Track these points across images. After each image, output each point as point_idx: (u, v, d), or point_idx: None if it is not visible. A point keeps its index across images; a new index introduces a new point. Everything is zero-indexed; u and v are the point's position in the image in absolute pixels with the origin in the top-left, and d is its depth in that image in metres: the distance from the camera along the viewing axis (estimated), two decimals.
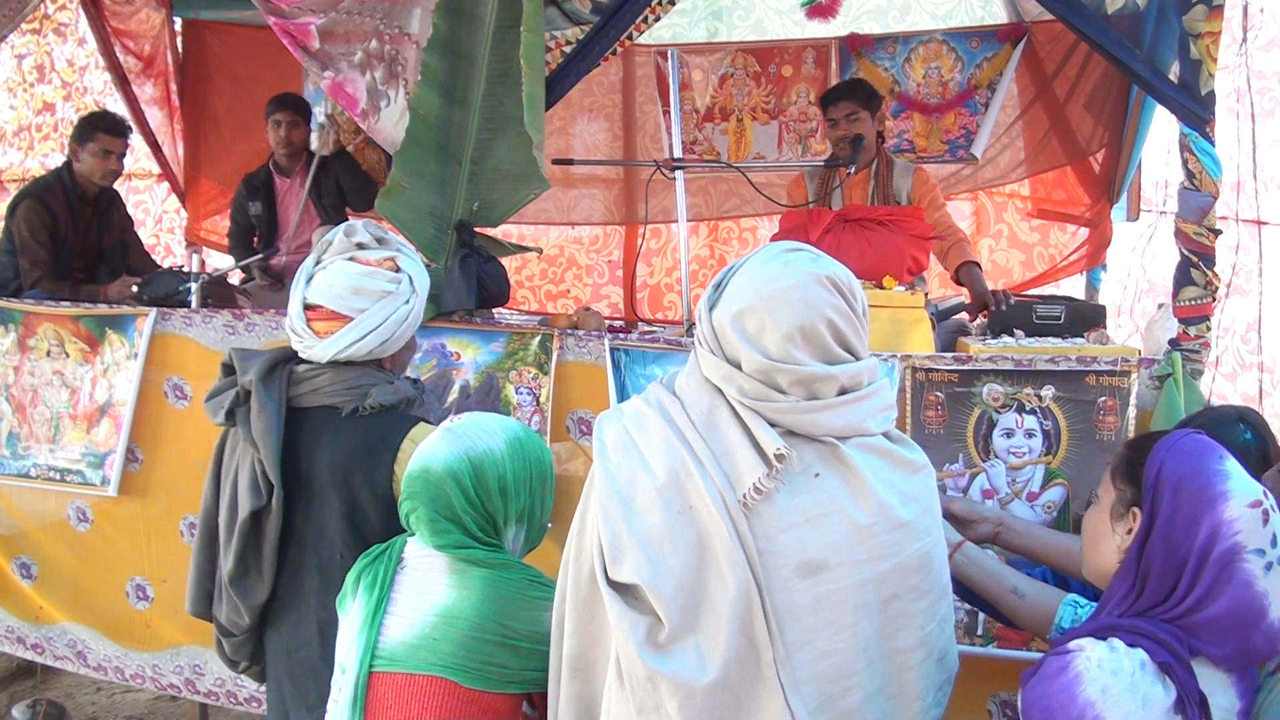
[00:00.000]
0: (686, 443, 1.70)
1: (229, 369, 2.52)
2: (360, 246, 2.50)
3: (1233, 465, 1.72)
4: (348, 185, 5.29)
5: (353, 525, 2.36)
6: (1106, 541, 1.83)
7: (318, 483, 2.38)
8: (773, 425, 1.69)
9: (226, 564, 2.43)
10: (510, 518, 2.12)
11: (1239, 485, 1.68)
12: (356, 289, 2.42)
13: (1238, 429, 2.39)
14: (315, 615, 2.38)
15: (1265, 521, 1.66)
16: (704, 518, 1.66)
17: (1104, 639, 1.65)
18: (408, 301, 2.47)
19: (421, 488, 2.08)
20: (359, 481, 2.35)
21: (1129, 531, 1.77)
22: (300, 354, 2.46)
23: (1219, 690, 1.66)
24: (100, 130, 4.74)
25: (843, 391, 1.72)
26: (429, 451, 2.10)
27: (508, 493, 2.10)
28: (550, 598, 2.03)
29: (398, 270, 2.48)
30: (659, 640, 1.63)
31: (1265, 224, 4.21)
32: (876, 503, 1.69)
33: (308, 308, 2.45)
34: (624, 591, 1.66)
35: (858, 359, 1.74)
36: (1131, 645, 1.64)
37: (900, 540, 1.71)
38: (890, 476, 1.73)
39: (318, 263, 2.49)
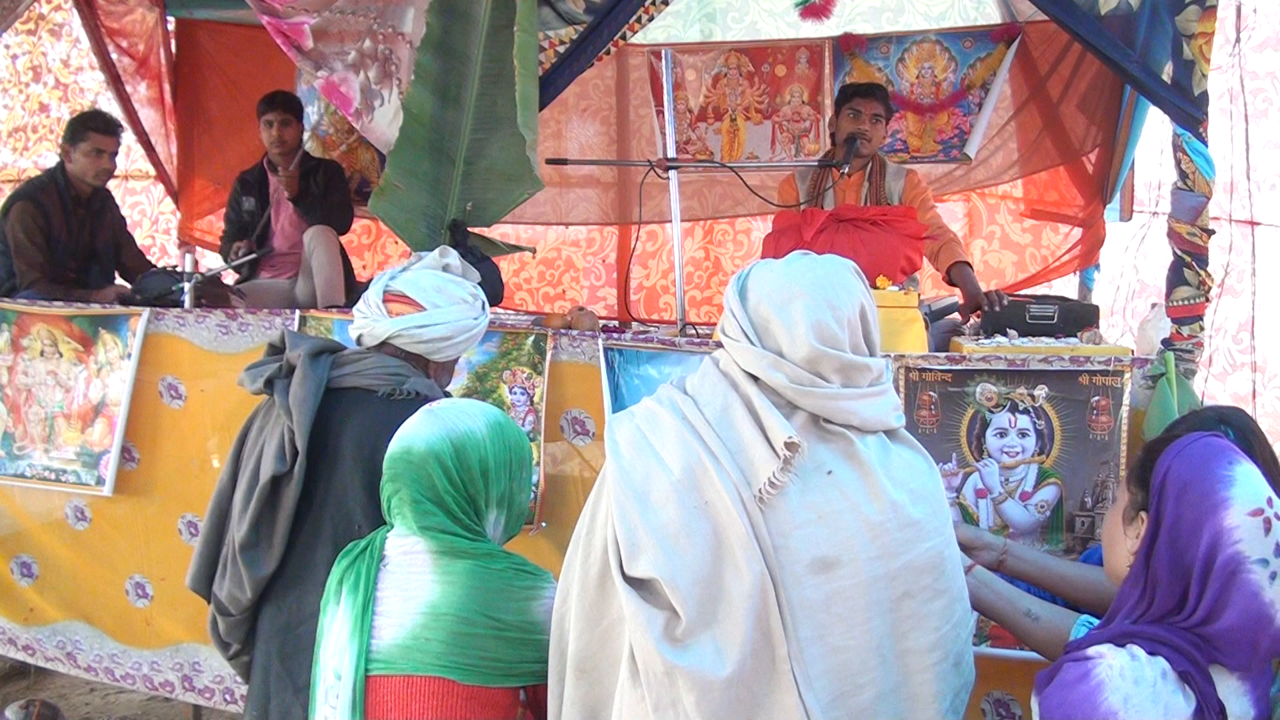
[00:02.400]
0: (701, 439, 1.72)
1: (274, 349, 2.64)
2: (447, 269, 2.80)
3: (1242, 470, 1.68)
4: (314, 202, 5.24)
5: (373, 497, 2.36)
6: (1120, 544, 1.83)
7: (343, 456, 2.44)
8: (811, 414, 1.73)
9: (240, 532, 2.46)
10: (491, 500, 2.12)
11: (1242, 491, 1.65)
12: (440, 288, 2.64)
13: (1218, 430, 2.38)
14: (324, 587, 2.39)
15: (1267, 530, 1.62)
16: (719, 512, 1.67)
17: (1123, 646, 1.64)
18: (477, 318, 2.67)
19: (404, 469, 2.08)
20: (384, 456, 2.36)
21: (1138, 536, 1.76)
22: (358, 330, 2.61)
23: (1234, 697, 1.65)
24: (92, 130, 4.74)
25: (871, 384, 1.77)
26: (410, 433, 2.11)
27: (489, 474, 2.11)
28: (538, 585, 2.06)
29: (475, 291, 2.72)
30: (676, 634, 1.63)
31: (1257, 224, 4.21)
32: (888, 500, 1.71)
33: (388, 294, 2.62)
34: (639, 587, 1.66)
35: (873, 353, 1.80)
36: (1151, 653, 1.62)
37: (911, 538, 1.72)
38: (901, 474, 1.75)
39: (404, 269, 2.72)
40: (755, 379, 1.75)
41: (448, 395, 2.62)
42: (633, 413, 1.84)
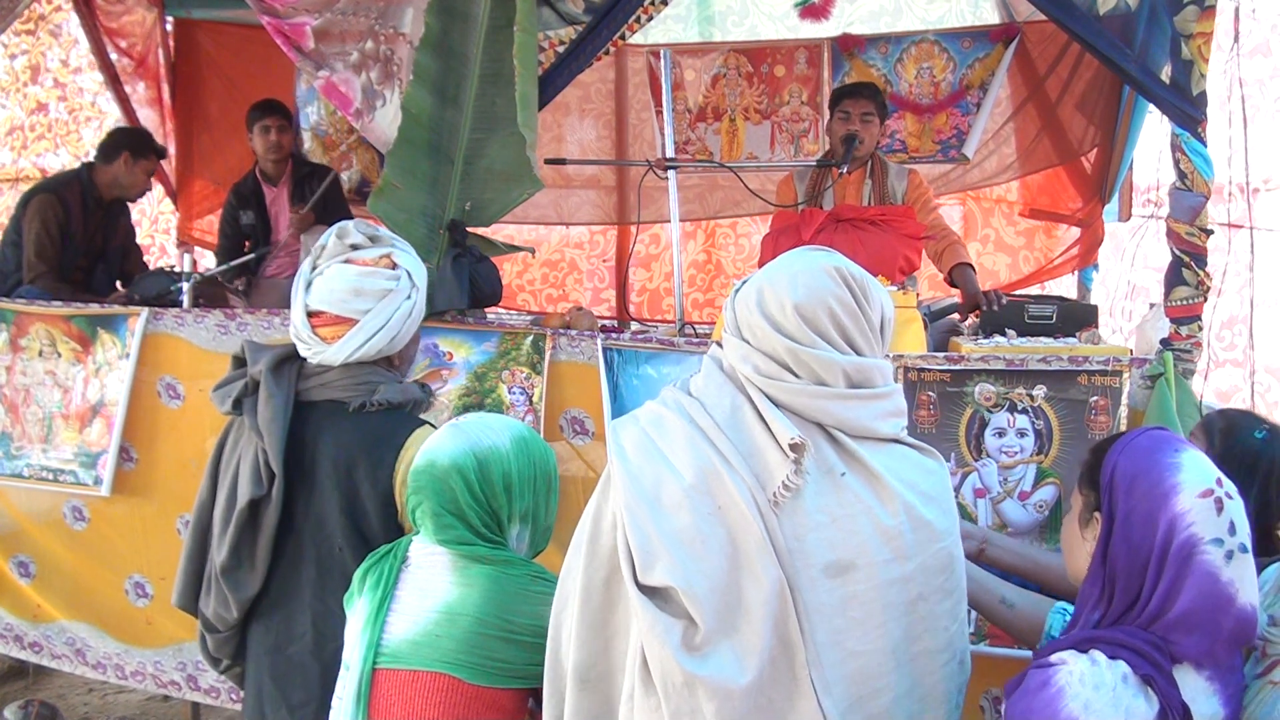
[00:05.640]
0: (711, 443, 1.70)
1: (240, 361, 2.54)
2: (354, 247, 2.51)
3: (1188, 456, 1.69)
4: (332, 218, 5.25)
5: (352, 519, 2.36)
6: (1079, 549, 1.82)
7: (319, 475, 2.39)
8: (784, 411, 1.70)
9: (220, 554, 2.42)
10: (514, 515, 2.13)
11: (1190, 476, 1.66)
12: (357, 290, 2.44)
13: (1260, 427, 2.39)
14: (310, 608, 2.39)
15: (1219, 510, 1.64)
16: (734, 517, 1.65)
17: (1085, 652, 1.64)
18: (409, 297, 2.49)
19: (427, 481, 2.09)
20: (361, 476, 2.36)
21: (1096, 538, 1.76)
22: (314, 359, 2.47)
23: (1202, 698, 1.65)
24: (153, 151, 4.91)
25: (852, 385, 1.73)
26: (435, 446, 2.12)
27: (512, 490, 2.11)
28: (553, 591, 2.05)
29: (394, 267, 2.50)
30: (694, 643, 1.61)
31: (1242, 227, 4.22)
32: (901, 503, 1.69)
33: (311, 314, 2.46)
34: (654, 595, 1.64)
35: (859, 355, 1.76)
36: (1113, 658, 1.62)
37: (924, 540, 1.71)
38: (910, 476, 1.74)
39: (314, 268, 2.50)
40: (753, 382, 1.74)
41: (423, 387, 2.57)
42: (636, 416, 1.81)
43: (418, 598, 2.07)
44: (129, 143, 4.87)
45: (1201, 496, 1.64)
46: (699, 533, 1.64)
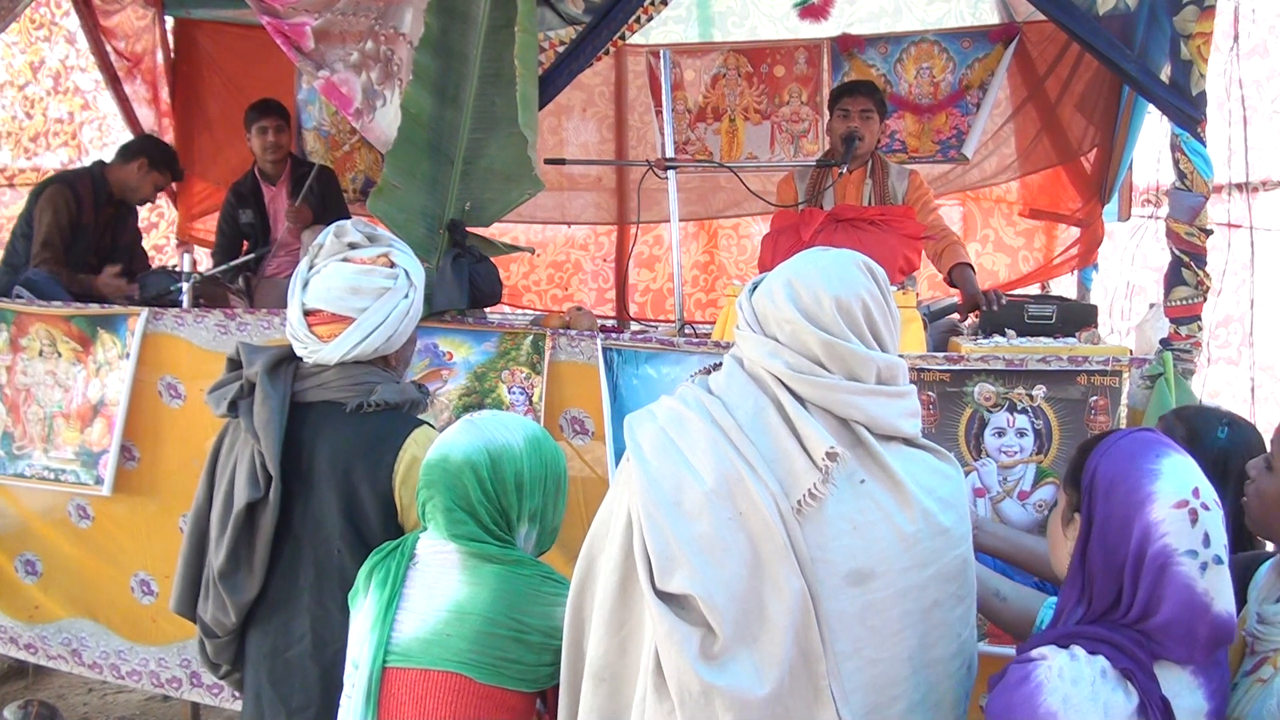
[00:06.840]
0: (734, 446, 1.66)
1: (234, 363, 2.52)
2: (352, 246, 2.50)
3: (1169, 463, 1.67)
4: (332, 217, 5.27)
5: (351, 521, 2.35)
6: (1061, 548, 1.82)
7: (317, 477, 2.38)
8: (839, 422, 1.68)
9: (217, 559, 2.41)
10: (524, 514, 2.13)
11: (1167, 485, 1.64)
12: (355, 289, 2.42)
13: (1221, 427, 2.39)
14: (309, 611, 2.37)
15: (1194, 522, 1.62)
16: (756, 525, 1.62)
17: (1066, 647, 1.64)
18: (407, 296, 2.47)
19: (440, 476, 2.09)
20: (359, 477, 2.35)
21: (1075, 537, 1.75)
22: (309, 359, 2.45)
23: (1185, 692, 1.64)
24: (170, 169, 5.02)
25: (880, 382, 1.72)
26: (449, 441, 2.12)
27: (523, 488, 2.11)
28: (563, 593, 2.01)
29: (392, 266, 2.48)
30: (712, 652, 1.59)
31: (1241, 227, 4.23)
32: (920, 509, 1.68)
33: (308, 313, 2.44)
34: (672, 602, 1.61)
35: (884, 350, 1.75)
36: (1092, 653, 1.62)
37: (941, 547, 1.70)
38: (928, 482, 1.72)
39: (311, 267, 2.49)
40: (783, 380, 1.71)
41: (420, 388, 2.56)
42: (654, 413, 1.77)
43: (427, 596, 2.07)
44: (149, 151, 4.95)
45: (1176, 507, 1.62)
46: (719, 540, 1.62)
